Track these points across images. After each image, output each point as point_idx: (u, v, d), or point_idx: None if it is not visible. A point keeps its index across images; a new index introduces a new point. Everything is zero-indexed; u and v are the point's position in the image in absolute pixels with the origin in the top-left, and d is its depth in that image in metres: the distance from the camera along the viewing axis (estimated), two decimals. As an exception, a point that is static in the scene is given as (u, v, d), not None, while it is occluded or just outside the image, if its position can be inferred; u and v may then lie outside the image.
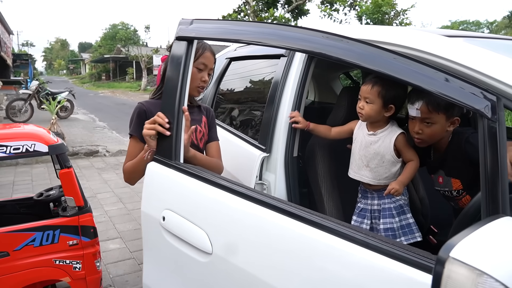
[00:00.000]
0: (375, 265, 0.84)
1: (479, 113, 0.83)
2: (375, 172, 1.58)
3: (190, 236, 1.27)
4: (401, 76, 0.91)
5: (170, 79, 1.40)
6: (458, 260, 0.61)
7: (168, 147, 1.38)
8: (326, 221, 0.97)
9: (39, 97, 10.85)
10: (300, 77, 1.65)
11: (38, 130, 2.26)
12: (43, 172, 5.83)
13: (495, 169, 0.78)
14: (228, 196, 1.19)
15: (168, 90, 1.40)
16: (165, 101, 1.40)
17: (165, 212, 1.36)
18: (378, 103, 1.54)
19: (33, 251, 2.09)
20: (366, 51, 0.98)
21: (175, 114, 1.36)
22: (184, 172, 1.34)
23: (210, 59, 1.63)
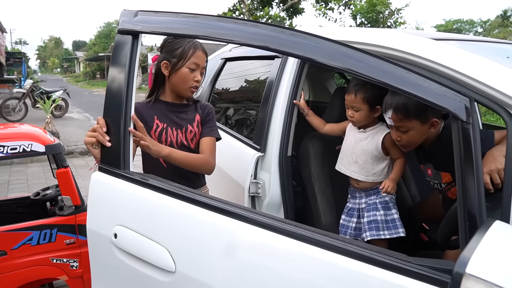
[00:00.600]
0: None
1: (452, 115, 0.85)
2: (363, 169, 1.64)
3: (149, 254, 1.15)
4: (373, 76, 0.92)
5: (113, 78, 1.26)
6: (474, 276, 0.61)
7: (115, 154, 1.24)
8: (301, 230, 0.96)
9: (33, 96, 10.81)
10: (294, 78, 1.68)
11: (34, 130, 2.27)
12: (38, 171, 5.82)
13: (470, 169, 0.82)
14: (189, 207, 1.10)
15: (112, 90, 1.26)
16: (109, 103, 1.26)
17: (116, 228, 1.22)
18: (365, 108, 1.60)
19: (31, 250, 2.12)
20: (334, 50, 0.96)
21: (122, 117, 1.23)
22: (136, 182, 1.21)
23: (202, 58, 1.59)
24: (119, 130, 1.23)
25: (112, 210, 1.28)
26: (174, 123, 1.60)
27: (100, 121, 1.27)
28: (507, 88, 0.92)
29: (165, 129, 1.58)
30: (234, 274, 1.03)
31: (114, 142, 1.24)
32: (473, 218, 0.82)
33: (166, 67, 1.57)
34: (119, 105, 1.23)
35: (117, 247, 1.23)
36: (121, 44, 1.26)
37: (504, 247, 0.65)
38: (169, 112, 1.61)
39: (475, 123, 0.84)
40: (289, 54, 1.46)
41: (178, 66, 1.55)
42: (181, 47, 1.55)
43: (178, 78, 1.57)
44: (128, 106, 1.23)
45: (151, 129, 1.55)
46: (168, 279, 1.12)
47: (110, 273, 1.32)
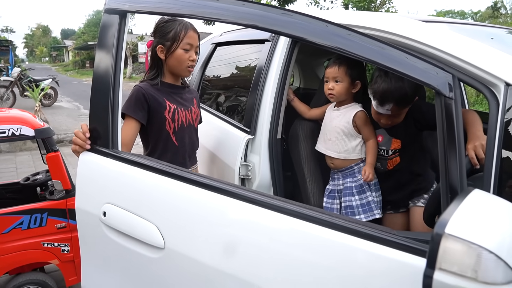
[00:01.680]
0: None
1: (436, 90, 0.88)
2: (335, 145, 1.69)
3: (138, 231, 1.16)
4: (360, 54, 0.93)
5: (102, 59, 1.25)
6: (453, 235, 0.64)
7: (104, 134, 1.24)
8: (289, 204, 0.98)
9: (21, 84, 10.64)
10: (284, 61, 1.69)
11: (24, 114, 2.26)
12: (28, 159, 5.78)
13: (453, 143, 0.84)
14: (178, 184, 1.11)
15: (100, 71, 1.26)
16: (97, 82, 1.26)
17: (105, 206, 1.23)
18: (346, 81, 1.66)
19: (21, 234, 2.12)
20: (322, 28, 0.97)
21: (110, 97, 1.23)
22: (125, 161, 1.22)
23: (194, 38, 1.63)
24: (107, 110, 1.23)
25: (101, 189, 1.28)
26: (181, 104, 1.69)
27: (83, 127, 1.31)
28: (490, 67, 0.95)
29: (176, 110, 1.65)
30: (223, 249, 1.05)
31: (102, 121, 1.24)
32: (454, 191, 0.84)
33: (161, 51, 1.62)
34: (107, 85, 1.23)
35: (106, 225, 1.24)
36: (108, 24, 1.26)
37: (481, 210, 0.67)
38: (174, 94, 1.69)
39: (458, 98, 0.87)
40: (278, 33, 1.48)
41: (173, 49, 1.60)
42: (173, 30, 1.59)
43: (174, 60, 1.62)
44: (116, 86, 1.24)
45: (165, 110, 1.61)
46: (157, 255, 1.13)
47: (100, 251, 1.33)
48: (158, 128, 1.61)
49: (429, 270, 0.65)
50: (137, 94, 1.57)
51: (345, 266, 0.91)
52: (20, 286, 2.17)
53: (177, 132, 1.66)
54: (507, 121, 0.90)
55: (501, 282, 0.61)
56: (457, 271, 0.63)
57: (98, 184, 1.30)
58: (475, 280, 0.62)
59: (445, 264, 0.63)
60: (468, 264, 0.62)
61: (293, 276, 0.97)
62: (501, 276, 0.61)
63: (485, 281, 0.61)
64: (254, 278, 1.00)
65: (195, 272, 1.09)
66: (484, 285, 0.61)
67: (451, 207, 0.68)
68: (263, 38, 1.86)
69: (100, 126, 1.25)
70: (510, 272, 0.61)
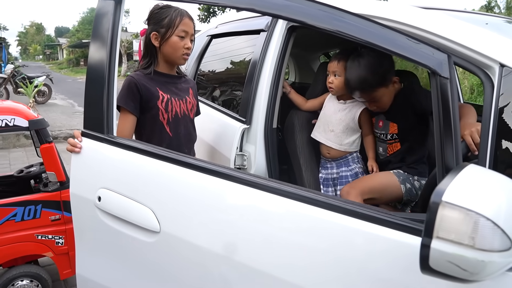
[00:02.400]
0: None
1: (431, 70, 0.88)
2: (338, 137, 1.72)
3: (133, 215, 1.16)
4: (357, 35, 0.93)
5: (97, 44, 1.25)
6: (450, 203, 0.64)
7: (99, 118, 1.24)
8: (285, 186, 0.98)
9: (14, 81, 10.55)
10: (279, 50, 1.69)
11: (18, 105, 2.24)
12: (21, 156, 5.74)
13: (448, 123, 0.85)
14: (173, 168, 1.11)
15: (96, 56, 1.25)
16: (93, 67, 1.26)
17: (100, 191, 1.23)
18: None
19: (15, 226, 2.10)
20: (318, 10, 0.96)
21: (105, 82, 1.23)
22: (120, 146, 1.22)
23: (189, 25, 1.60)
24: (103, 95, 1.22)
25: (96, 174, 1.28)
26: (175, 94, 1.65)
27: (76, 133, 1.32)
28: (484, 48, 0.95)
29: (170, 99, 1.61)
30: (219, 233, 1.05)
31: (97, 106, 1.24)
32: (450, 169, 0.85)
33: (156, 38, 1.58)
34: (102, 69, 1.22)
35: (101, 210, 1.24)
36: (103, 10, 1.25)
37: (477, 181, 0.68)
38: (168, 84, 1.65)
39: (453, 78, 0.87)
40: (277, 16, 1.48)
41: (168, 35, 1.56)
42: (168, 16, 1.56)
43: (169, 47, 1.58)
44: (111, 70, 1.23)
45: (158, 100, 1.57)
46: (152, 239, 1.13)
47: (94, 236, 1.32)
48: (151, 118, 1.58)
49: (426, 239, 0.65)
50: (128, 84, 1.55)
51: (343, 247, 0.91)
52: (13, 279, 2.15)
53: (171, 123, 1.63)
54: (502, 104, 0.90)
55: (497, 249, 0.62)
56: (454, 239, 0.63)
57: (92, 169, 1.29)
58: (472, 248, 0.62)
59: (442, 233, 0.64)
60: (465, 231, 0.62)
61: (291, 259, 0.96)
62: (498, 243, 0.61)
63: (482, 248, 0.61)
64: (250, 261, 1.00)
65: (191, 255, 1.09)
66: (481, 252, 0.62)
67: (447, 178, 0.68)
68: (259, 29, 1.86)
69: (95, 111, 1.25)
70: (506, 239, 0.61)
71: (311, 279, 0.93)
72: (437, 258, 0.65)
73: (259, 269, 0.99)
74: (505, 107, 0.90)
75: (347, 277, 0.90)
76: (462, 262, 0.63)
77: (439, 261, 0.65)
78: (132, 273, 1.24)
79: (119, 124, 1.55)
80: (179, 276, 1.14)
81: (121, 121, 1.53)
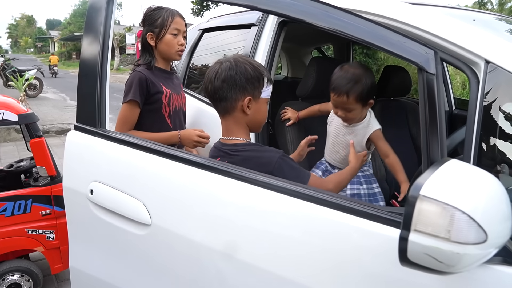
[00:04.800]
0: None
1: (418, 66, 0.89)
2: (344, 159, 1.62)
3: (125, 208, 1.17)
4: (345, 31, 0.94)
5: (90, 39, 1.26)
6: (428, 197, 0.65)
7: (91, 112, 1.25)
8: (279, 182, 0.98)
9: (5, 74, 10.44)
10: (270, 45, 1.69)
11: (7, 99, 2.22)
12: (12, 150, 5.69)
13: (434, 118, 0.85)
14: (164, 162, 1.12)
15: (88, 50, 1.26)
16: (85, 62, 1.27)
17: (93, 184, 1.24)
18: (358, 107, 1.53)
19: (5, 220, 2.10)
20: (308, 6, 0.97)
21: (98, 76, 1.23)
22: (112, 140, 1.23)
23: (181, 23, 1.73)
24: (95, 89, 1.23)
25: (88, 167, 1.29)
26: (173, 89, 1.77)
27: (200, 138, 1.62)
28: (470, 44, 0.96)
29: (171, 94, 1.74)
30: (209, 225, 1.05)
31: (90, 101, 1.25)
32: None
33: (151, 38, 1.71)
34: (95, 64, 1.23)
35: (93, 203, 1.25)
36: (96, 5, 1.27)
37: (456, 175, 0.69)
38: (166, 79, 1.77)
39: (439, 74, 0.88)
40: (268, 12, 1.47)
41: (162, 34, 1.69)
42: (161, 17, 1.70)
43: (164, 45, 1.71)
44: (104, 66, 1.24)
45: (162, 94, 1.69)
46: (144, 232, 1.14)
47: (87, 229, 1.34)
48: (154, 111, 1.69)
49: (404, 232, 0.67)
50: (139, 79, 1.64)
51: (338, 243, 0.91)
52: (4, 274, 2.15)
53: (171, 116, 1.75)
54: (487, 98, 0.92)
55: (472, 242, 0.63)
56: (431, 231, 0.64)
57: (85, 163, 1.30)
58: (448, 240, 0.63)
59: (419, 226, 0.65)
60: (442, 224, 0.63)
61: (283, 253, 0.96)
62: (473, 236, 0.63)
63: (457, 241, 0.63)
64: (242, 255, 1.01)
65: (181, 247, 1.10)
66: (456, 245, 0.63)
67: (427, 172, 0.69)
68: (250, 23, 1.86)
69: (88, 105, 1.26)
70: (482, 232, 0.63)
71: (305, 273, 0.94)
72: (414, 251, 0.67)
73: (251, 263, 0.99)
74: (491, 103, 0.91)
75: (341, 272, 0.91)
76: (438, 254, 0.65)
77: (417, 254, 0.67)
78: (125, 265, 1.25)
79: (124, 115, 1.65)
80: (169, 268, 1.16)
81: (128, 112, 1.64)
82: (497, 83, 0.90)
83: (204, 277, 1.08)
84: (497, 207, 0.66)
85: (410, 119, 2.35)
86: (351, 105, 1.51)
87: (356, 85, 1.49)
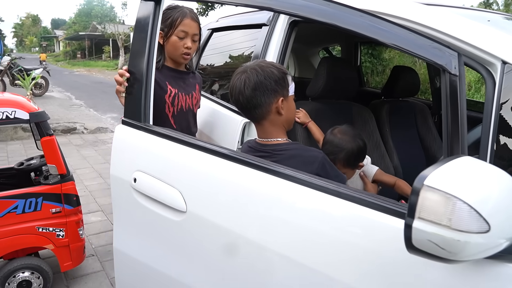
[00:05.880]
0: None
1: (442, 68, 0.90)
2: None
3: (163, 196, 1.27)
4: (370, 34, 0.96)
5: (138, 42, 1.38)
6: (431, 187, 0.68)
7: (137, 109, 1.37)
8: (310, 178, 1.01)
9: (11, 73, 10.49)
10: (281, 45, 1.69)
11: (18, 98, 2.24)
12: (19, 148, 5.72)
13: (456, 119, 0.86)
14: (200, 154, 1.21)
15: (136, 52, 1.39)
16: (134, 62, 1.39)
17: (136, 173, 1.35)
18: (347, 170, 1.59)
19: (16, 218, 2.11)
20: (329, 8, 1.00)
21: (143, 75, 1.35)
22: (155, 134, 1.34)
23: (190, 26, 1.66)
24: (142, 88, 1.36)
25: (133, 158, 1.42)
26: (183, 89, 1.74)
27: (119, 71, 1.41)
28: (486, 45, 0.96)
29: (177, 94, 1.71)
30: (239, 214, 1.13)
31: (136, 98, 1.38)
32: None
33: (161, 36, 1.67)
34: (142, 64, 1.35)
35: (136, 190, 1.36)
36: (144, 10, 1.37)
37: (464, 169, 0.71)
38: (175, 78, 1.74)
39: (462, 76, 0.89)
40: (280, 12, 1.53)
41: (169, 35, 1.67)
42: (171, 17, 1.66)
43: (170, 46, 1.68)
44: (149, 68, 1.35)
45: (165, 94, 1.67)
46: (180, 218, 1.23)
47: (130, 214, 1.46)
48: (157, 110, 1.63)
49: (409, 219, 0.70)
50: None
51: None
52: (14, 271, 2.16)
53: (176, 116, 1.71)
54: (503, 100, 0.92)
55: (473, 231, 0.66)
56: (433, 219, 0.67)
57: (130, 154, 1.44)
58: (449, 228, 0.67)
59: (423, 213, 0.68)
60: (444, 212, 0.67)
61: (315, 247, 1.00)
62: (475, 225, 0.66)
63: (458, 229, 0.66)
64: (269, 243, 1.06)
65: (214, 234, 1.18)
66: (457, 233, 0.66)
67: (433, 166, 0.72)
68: (261, 23, 1.87)
69: (134, 103, 1.38)
70: (483, 222, 0.65)
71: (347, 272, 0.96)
72: (419, 237, 0.70)
73: (273, 250, 1.05)
74: (507, 104, 0.91)
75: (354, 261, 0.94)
76: (440, 241, 0.68)
77: (421, 240, 0.70)
78: (162, 249, 1.35)
79: None
80: (203, 254, 1.25)
81: None
82: (514, 84, 0.90)
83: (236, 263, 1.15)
84: (506, 201, 0.68)
85: (419, 119, 2.36)
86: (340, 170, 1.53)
87: (341, 153, 1.55)
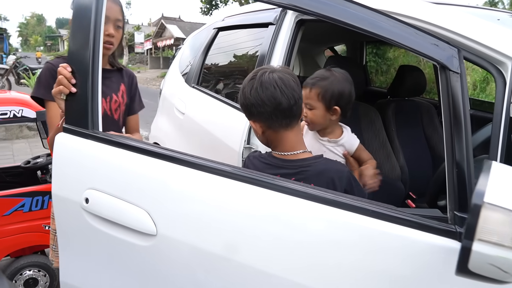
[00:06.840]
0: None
1: (441, 64, 0.88)
2: None
3: (126, 218, 1.07)
4: (368, 28, 0.93)
5: (78, 33, 1.12)
6: (492, 204, 0.63)
7: (82, 113, 1.11)
8: (292, 185, 0.95)
9: (16, 72, 10.56)
10: (288, 44, 1.69)
11: (25, 97, 2.25)
12: (25, 147, 5.75)
13: (458, 118, 0.85)
14: (170, 166, 1.03)
15: (78, 45, 1.13)
16: (75, 57, 1.13)
17: (88, 192, 1.11)
18: (320, 107, 1.39)
19: (22, 216, 2.12)
20: (335, 4, 0.95)
21: (89, 72, 1.10)
22: (108, 142, 1.10)
23: (110, 10, 1.38)
24: (86, 86, 1.10)
25: (82, 174, 1.16)
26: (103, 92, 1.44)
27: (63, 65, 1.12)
28: (496, 44, 0.96)
29: None
30: (221, 233, 0.99)
31: (81, 99, 1.12)
32: (460, 166, 0.85)
33: None
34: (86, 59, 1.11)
35: (89, 213, 1.13)
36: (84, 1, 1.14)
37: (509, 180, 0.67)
38: None
39: (463, 72, 0.87)
40: (290, 9, 1.49)
41: None
42: None
43: None
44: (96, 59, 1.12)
45: None
46: (148, 243, 1.04)
47: (81, 241, 1.21)
48: None
49: (467, 242, 0.64)
50: (45, 72, 1.39)
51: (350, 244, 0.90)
52: (21, 269, 2.18)
53: None
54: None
55: None
56: (497, 241, 0.62)
57: (77, 168, 1.17)
58: None
59: (484, 235, 0.63)
60: (508, 233, 0.62)
61: (298, 260, 0.93)
62: None
63: None
64: (256, 263, 0.96)
65: (193, 259, 1.02)
66: None
67: (481, 179, 0.66)
68: (267, 22, 1.86)
69: (79, 105, 1.12)
70: None
71: (321, 283, 0.92)
72: (478, 261, 0.64)
73: (265, 271, 0.96)
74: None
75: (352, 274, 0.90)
76: (504, 264, 0.63)
77: (480, 264, 0.64)
78: (126, 279, 1.15)
79: (48, 117, 1.43)
80: (179, 282, 1.07)
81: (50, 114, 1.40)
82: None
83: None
84: None
85: (425, 119, 2.35)
86: (313, 101, 1.39)
87: (322, 81, 1.38)
